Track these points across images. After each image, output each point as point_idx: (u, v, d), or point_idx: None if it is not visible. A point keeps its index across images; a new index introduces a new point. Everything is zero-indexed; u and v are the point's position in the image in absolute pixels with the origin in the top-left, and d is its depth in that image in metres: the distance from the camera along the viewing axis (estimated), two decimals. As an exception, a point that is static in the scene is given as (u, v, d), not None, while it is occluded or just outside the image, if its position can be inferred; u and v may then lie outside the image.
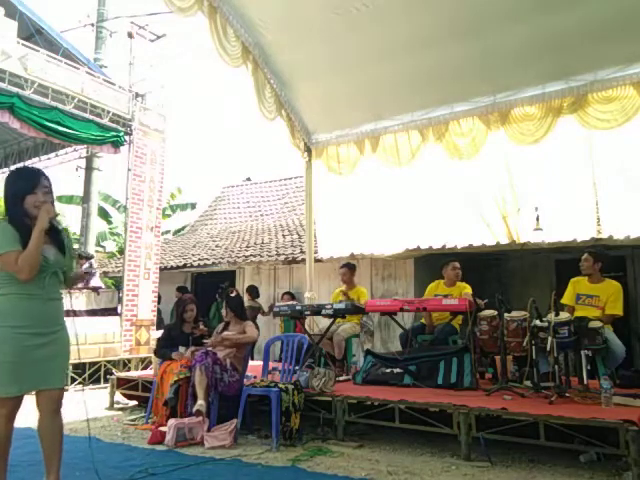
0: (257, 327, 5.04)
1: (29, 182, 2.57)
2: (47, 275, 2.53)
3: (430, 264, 7.34)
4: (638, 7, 4.63)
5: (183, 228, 17.33)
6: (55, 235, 2.61)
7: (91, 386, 6.95)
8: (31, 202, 2.53)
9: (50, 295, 2.56)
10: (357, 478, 3.20)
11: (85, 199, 11.23)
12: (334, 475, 3.26)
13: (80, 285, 2.75)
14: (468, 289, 5.48)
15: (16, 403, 2.51)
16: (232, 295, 4.98)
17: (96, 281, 8.08)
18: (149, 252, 8.41)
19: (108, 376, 6.37)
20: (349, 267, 6.24)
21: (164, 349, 5.06)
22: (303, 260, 8.26)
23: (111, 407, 5.65)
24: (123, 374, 6.20)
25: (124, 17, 13.43)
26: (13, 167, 11.02)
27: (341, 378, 5.14)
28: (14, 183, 2.60)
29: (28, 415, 4.93)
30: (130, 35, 12.56)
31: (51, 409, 2.60)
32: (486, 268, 8.52)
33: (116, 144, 8.33)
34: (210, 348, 4.59)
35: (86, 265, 2.37)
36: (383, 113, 6.57)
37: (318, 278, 7.77)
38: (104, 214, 16.29)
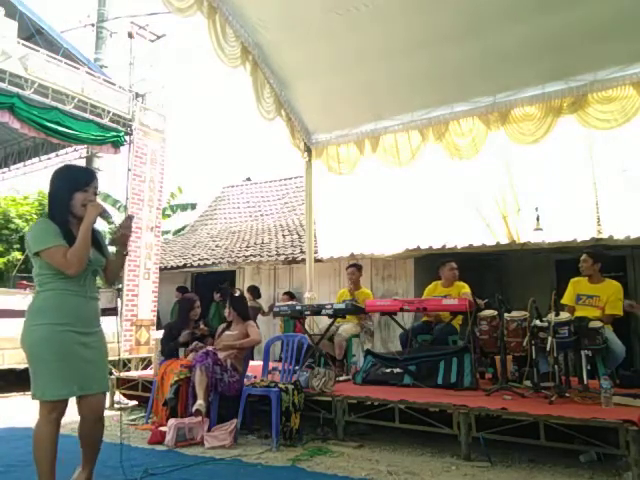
0: (257, 327, 5.04)
1: (82, 180, 2.53)
2: (88, 273, 2.51)
3: (430, 264, 7.33)
4: (638, 7, 4.63)
5: (183, 228, 17.32)
6: (94, 235, 2.56)
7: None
8: (80, 200, 2.48)
9: (90, 294, 2.53)
10: (357, 478, 3.20)
11: (85, 199, 11.21)
12: (334, 475, 3.26)
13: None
14: (466, 288, 5.48)
15: (65, 407, 2.41)
16: (236, 295, 4.96)
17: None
18: (149, 252, 8.41)
19: (108, 376, 6.37)
20: (357, 267, 6.27)
21: (170, 344, 5.05)
22: (303, 260, 8.25)
23: (111, 407, 5.65)
24: (123, 374, 6.20)
25: (124, 17, 13.44)
26: (13, 167, 11.05)
27: (341, 378, 5.14)
28: (63, 180, 2.54)
29: (28, 415, 4.94)
30: (130, 35, 12.54)
31: (96, 416, 2.52)
32: (486, 268, 8.51)
33: (116, 144, 8.34)
34: (210, 348, 4.59)
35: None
36: (383, 113, 6.57)
37: (318, 278, 7.76)
38: (104, 214, 16.25)
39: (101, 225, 16.04)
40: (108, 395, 5.73)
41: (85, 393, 2.45)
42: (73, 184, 2.51)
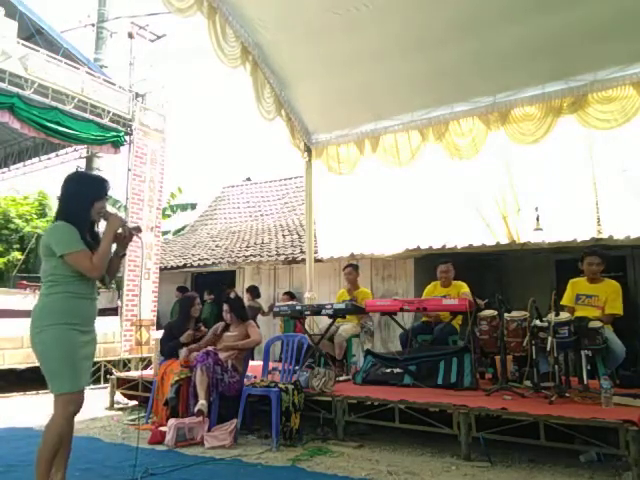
0: (257, 327, 5.03)
1: (100, 189, 2.69)
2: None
3: (430, 264, 7.33)
4: (638, 7, 4.62)
5: (183, 228, 17.32)
6: (98, 239, 2.71)
7: (91, 386, 6.96)
8: (98, 208, 2.65)
9: (94, 295, 2.67)
10: (357, 478, 3.21)
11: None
12: (334, 475, 3.26)
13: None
14: (465, 288, 5.48)
15: (80, 402, 2.53)
16: (232, 297, 4.96)
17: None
18: (149, 252, 8.41)
19: (108, 376, 6.38)
20: (354, 267, 6.28)
21: (169, 343, 5.04)
22: (303, 260, 8.25)
23: (111, 407, 5.65)
24: (123, 374, 6.20)
25: (124, 17, 13.41)
26: (13, 167, 11.07)
27: (341, 378, 5.14)
28: (86, 187, 2.68)
29: (28, 415, 4.95)
30: (130, 35, 12.55)
31: (79, 407, 2.63)
32: (486, 268, 8.51)
33: (116, 144, 8.35)
34: (210, 348, 4.58)
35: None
36: (383, 113, 6.57)
37: (318, 278, 7.76)
38: (104, 214, 16.25)
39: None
40: (108, 395, 5.76)
41: (85, 386, 2.61)
42: (94, 192, 2.66)
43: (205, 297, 9.29)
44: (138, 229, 2.83)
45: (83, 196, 2.63)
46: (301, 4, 5.33)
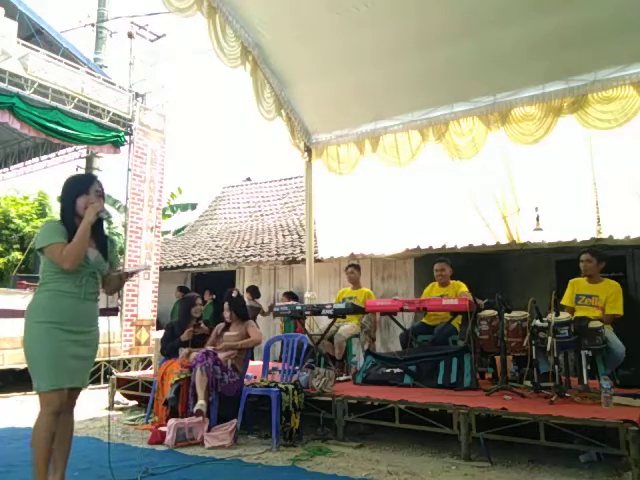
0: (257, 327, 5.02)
1: (83, 184, 2.72)
2: (85, 275, 2.61)
3: (430, 264, 7.33)
4: (638, 7, 4.62)
5: (183, 228, 17.32)
6: (100, 238, 2.71)
7: (91, 386, 6.96)
8: (82, 202, 2.64)
9: (87, 295, 2.63)
10: (357, 478, 3.20)
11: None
12: (334, 475, 3.26)
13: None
14: (463, 287, 5.47)
15: (61, 400, 2.50)
16: (234, 296, 4.94)
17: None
18: (149, 252, 8.42)
19: (108, 376, 6.37)
20: (356, 267, 6.30)
21: (170, 343, 5.03)
22: (303, 260, 8.25)
23: (111, 407, 5.65)
24: (123, 374, 6.20)
25: (124, 17, 13.38)
26: (13, 167, 11.08)
27: (341, 378, 5.14)
28: (69, 186, 2.73)
29: (28, 415, 4.94)
30: (130, 35, 12.51)
31: (72, 408, 2.64)
32: (486, 268, 8.51)
33: (116, 144, 8.35)
34: (210, 348, 4.58)
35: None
36: (383, 113, 6.56)
37: (318, 278, 7.76)
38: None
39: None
40: (108, 395, 5.75)
41: (72, 386, 2.56)
42: (75, 190, 2.68)
43: (206, 297, 9.28)
44: (129, 274, 2.96)
45: (67, 195, 2.69)
46: (301, 4, 5.33)
